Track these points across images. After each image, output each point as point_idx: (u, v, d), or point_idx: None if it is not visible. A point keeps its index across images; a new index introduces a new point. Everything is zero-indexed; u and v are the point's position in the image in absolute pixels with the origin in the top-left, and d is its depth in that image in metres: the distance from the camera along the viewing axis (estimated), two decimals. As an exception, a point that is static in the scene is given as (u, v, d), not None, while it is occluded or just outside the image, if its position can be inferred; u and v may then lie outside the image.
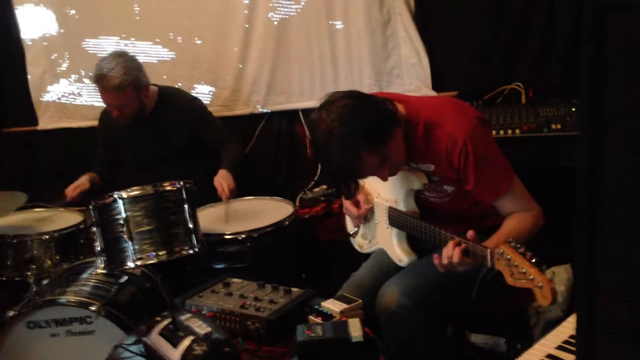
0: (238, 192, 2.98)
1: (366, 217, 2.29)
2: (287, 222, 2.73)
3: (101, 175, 3.19)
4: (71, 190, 3.00)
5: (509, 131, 2.71)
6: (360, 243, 2.39)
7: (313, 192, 3.18)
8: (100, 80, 2.86)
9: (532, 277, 1.53)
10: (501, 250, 1.61)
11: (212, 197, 2.95)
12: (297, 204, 3.09)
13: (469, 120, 1.89)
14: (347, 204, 2.29)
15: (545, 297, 1.50)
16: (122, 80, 2.84)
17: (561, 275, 2.97)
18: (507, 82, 3.01)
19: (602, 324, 0.77)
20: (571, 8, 2.91)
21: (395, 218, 2.09)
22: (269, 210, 2.88)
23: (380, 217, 2.20)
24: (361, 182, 2.23)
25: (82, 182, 3.05)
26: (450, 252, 1.74)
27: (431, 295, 1.92)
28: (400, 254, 2.10)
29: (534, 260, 1.54)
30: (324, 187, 3.23)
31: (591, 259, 0.75)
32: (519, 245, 1.59)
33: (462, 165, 1.87)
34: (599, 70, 0.70)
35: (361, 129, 1.79)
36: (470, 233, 1.74)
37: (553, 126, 2.73)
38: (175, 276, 2.67)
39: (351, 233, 2.41)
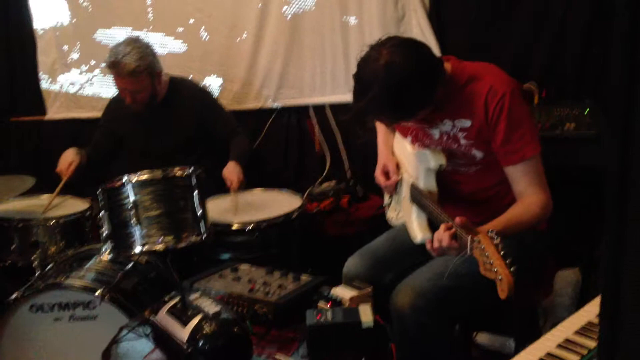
0: (247, 184, 2.96)
1: (396, 189, 2.28)
2: (295, 215, 2.71)
3: (92, 157, 3.12)
4: (65, 169, 2.94)
5: (522, 129, 2.68)
6: (390, 215, 2.37)
7: (321, 187, 3.15)
8: (115, 65, 2.84)
9: (495, 269, 1.52)
10: (478, 239, 1.61)
11: (219, 188, 2.94)
12: (305, 198, 3.06)
13: (512, 81, 1.94)
14: (378, 172, 2.29)
15: (502, 291, 1.50)
16: (138, 66, 2.83)
17: (569, 278, 2.94)
18: (520, 82, 2.99)
19: (629, 325, 0.74)
20: (585, 8, 2.90)
21: (415, 195, 2.08)
22: (277, 202, 2.85)
23: (406, 193, 2.18)
24: (398, 155, 2.28)
25: (72, 157, 2.98)
26: (441, 235, 1.74)
27: (446, 298, 1.90)
28: (416, 231, 2.05)
29: (502, 253, 1.54)
30: (333, 182, 3.21)
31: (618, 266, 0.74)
32: (495, 237, 1.58)
33: (496, 117, 1.87)
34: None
35: (395, 102, 1.81)
36: (458, 219, 1.73)
37: (567, 125, 2.71)
38: (181, 266, 2.64)
39: (384, 204, 2.39)
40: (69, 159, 2.97)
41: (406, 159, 2.22)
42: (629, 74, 0.69)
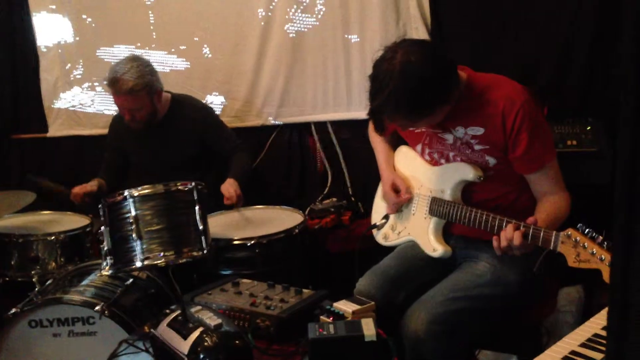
0: (247, 202, 2.96)
1: (399, 207, 2.29)
2: (297, 230, 2.69)
3: (107, 181, 3.18)
4: (78, 189, 3.00)
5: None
6: (386, 234, 2.37)
7: (323, 204, 3.15)
8: (114, 83, 2.86)
9: (601, 256, 1.59)
10: (568, 233, 1.67)
11: (221, 205, 2.93)
12: (307, 215, 3.05)
13: (526, 90, 1.97)
14: (387, 189, 2.30)
15: None
16: (136, 84, 2.84)
17: (572, 295, 2.92)
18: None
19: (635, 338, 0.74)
20: (589, 29, 2.92)
21: (439, 207, 2.09)
22: (278, 218, 2.84)
23: (419, 208, 2.21)
24: (404, 173, 2.31)
25: (91, 184, 3.04)
26: (511, 235, 1.77)
27: (460, 321, 1.92)
28: (435, 244, 2.10)
29: (605, 243, 1.62)
30: (334, 199, 3.21)
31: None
32: (586, 229, 1.66)
33: (517, 127, 1.89)
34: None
35: (410, 100, 1.83)
36: (530, 218, 1.79)
37: (569, 142, 2.71)
38: (181, 283, 2.62)
39: (378, 224, 2.39)
40: (86, 186, 3.05)
41: (424, 174, 2.22)
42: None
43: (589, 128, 2.78)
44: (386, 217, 2.36)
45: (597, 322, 1.46)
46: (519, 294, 2.04)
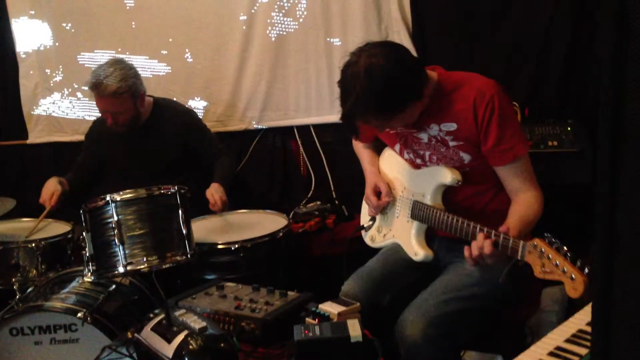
0: (231, 206, 2.94)
1: (384, 210, 2.30)
2: (281, 234, 2.68)
3: (72, 181, 3.08)
4: (48, 200, 2.89)
5: (506, 147, 2.71)
6: (373, 236, 2.38)
7: (307, 207, 3.14)
8: (97, 86, 2.83)
9: (564, 269, 1.58)
10: (535, 243, 1.67)
11: (204, 210, 2.91)
12: (291, 218, 3.04)
13: (496, 84, 1.99)
14: (368, 192, 2.31)
15: (576, 289, 1.56)
16: (119, 87, 2.82)
17: (556, 296, 2.93)
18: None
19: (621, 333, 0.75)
20: (567, 31, 2.95)
21: (419, 211, 2.10)
22: (262, 222, 2.83)
23: (402, 211, 2.21)
24: (388, 175, 2.31)
25: (54, 186, 2.94)
26: (481, 244, 1.77)
27: (455, 323, 1.92)
28: (416, 248, 2.10)
29: (568, 255, 1.60)
30: (318, 202, 3.20)
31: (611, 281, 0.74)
32: (553, 239, 1.65)
33: (487, 119, 1.92)
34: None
35: (378, 100, 1.85)
36: (502, 227, 1.79)
37: (550, 143, 2.73)
38: (164, 289, 2.59)
39: (365, 226, 2.40)
40: (51, 189, 2.93)
41: (405, 177, 2.23)
42: (616, 93, 0.70)
43: (569, 129, 2.81)
44: (373, 219, 2.37)
45: (581, 318, 1.47)
46: (508, 288, 2.03)
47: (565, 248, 1.62)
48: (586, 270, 1.56)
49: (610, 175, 0.72)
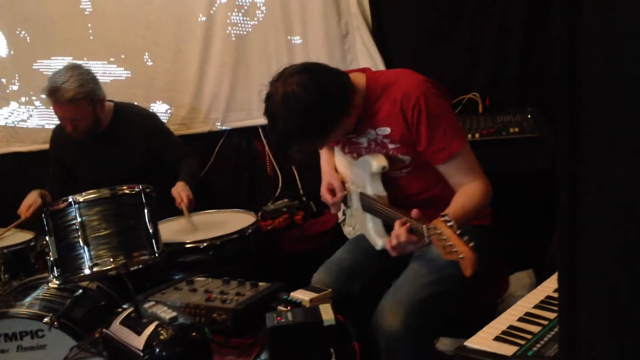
0: (197, 208, 2.91)
1: (347, 204, 2.30)
2: (249, 231, 2.67)
3: (53, 193, 3.05)
4: (25, 211, 2.85)
5: (469, 135, 2.75)
6: (347, 230, 2.39)
7: (275, 205, 3.13)
8: (54, 92, 2.77)
9: (455, 249, 1.55)
10: (433, 226, 1.64)
11: (170, 212, 2.88)
12: (259, 217, 3.02)
13: (423, 81, 1.96)
14: (323, 191, 2.30)
15: (466, 268, 1.53)
16: (77, 93, 2.77)
17: (524, 280, 2.97)
18: (465, 92, 3.08)
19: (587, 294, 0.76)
20: (523, 20, 3.01)
21: (366, 203, 2.09)
22: (231, 221, 2.81)
23: (356, 203, 2.20)
24: (341, 171, 2.31)
25: (33, 199, 2.91)
26: (397, 232, 1.76)
27: (431, 309, 1.91)
28: (375, 238, 2.09)
29: (459, 232, 1.57)
30: (286, 200, 3.19)
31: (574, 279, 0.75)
32: (449, 220, 1.62)
33: (415, 122, 1.90)
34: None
35: (301, 129, 1.85)
36: (414, 211, 1.76)
37: (511, 130, 2.78)
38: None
39: (339, 221, 2.41)
40: (29, 202, 2.89)
41: (350, 171, 2.24)
42: (571, 79, 0.71)
43: (529, 116, 2.86)
44: (344, 212, 2.37)
45: (549, 286, 1.49)
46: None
47: (457, 227, 1.60)
48: (471, 245, 1.53)
49: (570, 160, 0.73)
